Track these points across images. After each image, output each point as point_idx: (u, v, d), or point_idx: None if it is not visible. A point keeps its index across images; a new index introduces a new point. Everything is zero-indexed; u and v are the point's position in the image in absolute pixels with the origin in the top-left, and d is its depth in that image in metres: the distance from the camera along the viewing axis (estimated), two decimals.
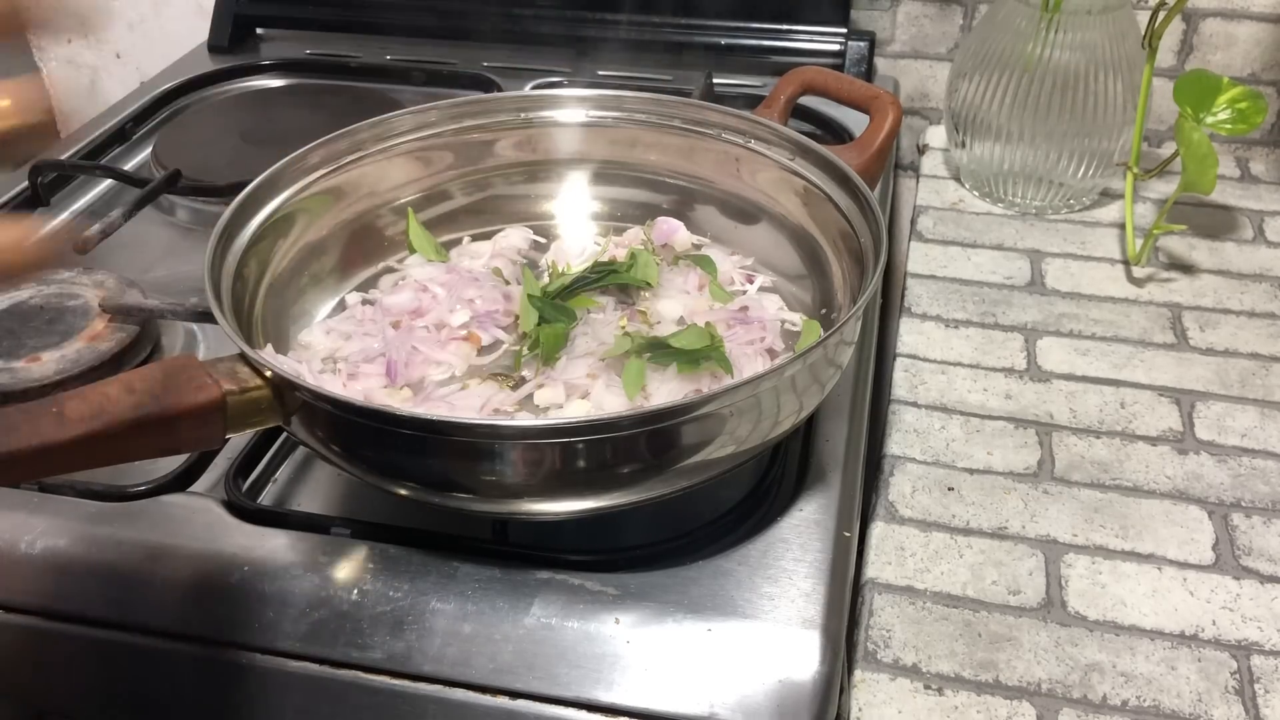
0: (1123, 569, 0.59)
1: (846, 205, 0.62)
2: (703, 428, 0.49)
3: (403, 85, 1.01)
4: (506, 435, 0.48)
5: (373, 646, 0.51)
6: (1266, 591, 0.58)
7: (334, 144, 0.67)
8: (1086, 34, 0.83)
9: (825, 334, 0.51)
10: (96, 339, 0.66)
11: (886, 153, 0.70)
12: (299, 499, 0.60)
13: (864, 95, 0.72)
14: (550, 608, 0.51)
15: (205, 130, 0.93)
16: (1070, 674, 0.54)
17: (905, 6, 1.01)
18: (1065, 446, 0.67)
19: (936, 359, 0.75)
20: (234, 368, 0.49)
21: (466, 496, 0.51)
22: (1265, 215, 0.90)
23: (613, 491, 0.50)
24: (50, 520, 0.56)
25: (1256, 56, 0.97)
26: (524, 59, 1.04)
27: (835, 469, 0.60)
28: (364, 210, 0.69)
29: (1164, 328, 0.77)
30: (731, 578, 0.53)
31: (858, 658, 0.55)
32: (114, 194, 0.87)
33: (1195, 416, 0.70)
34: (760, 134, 0.68)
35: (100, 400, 0.45)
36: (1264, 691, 0.53)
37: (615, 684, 0.49)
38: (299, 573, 0.53)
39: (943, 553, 0.61)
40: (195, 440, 0.49)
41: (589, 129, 0.72)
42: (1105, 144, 0.86)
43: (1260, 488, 0.64)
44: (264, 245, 0.62)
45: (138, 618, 0.53)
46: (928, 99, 1.05)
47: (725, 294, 0.66)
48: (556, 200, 0.74)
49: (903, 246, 0.90)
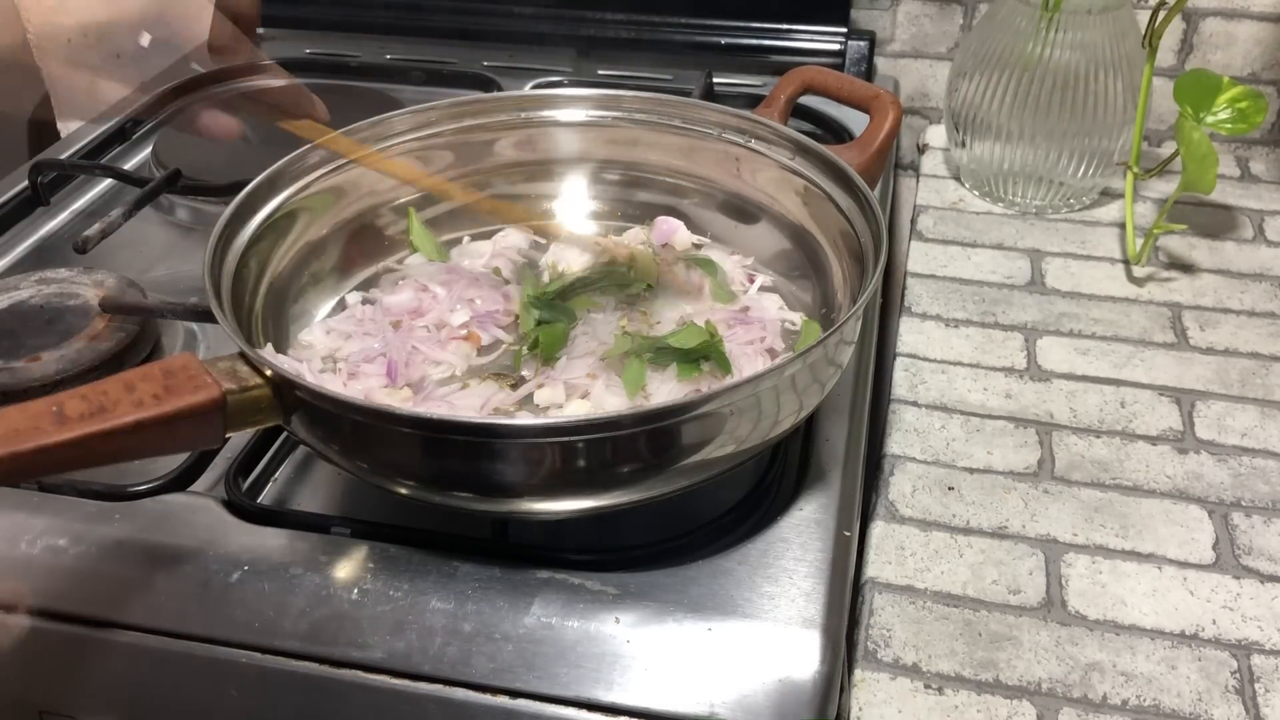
0: (1123, 568, 0.59)
1: (846, 205, 0.62)
2: (703, 427, 0.49)
3: (403, 85, 1.00)
4: (506, 434, 0.48)
5: (373, 646, 0.51)
6: (1267, 591, 0.58)
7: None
8: (1086, 33, 0.83)
9: (825, 333, 0.51)
10: (96, 339, 0.66)
11: (887, 152, 0.70)
12: (299, 498, 0.60)
13: (864, 95, 0.72)
14: (550, 607, 0.51)
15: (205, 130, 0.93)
16: (1070, 673, 0.54)
17: (905, 6, 1.01)
18: (1065, 446, 0.67)
19: (937, 358, 0.75)
20: (234, 367, 0.49)
21: (466, 496, 0.51)
22: (1265, 215, 0.90)
23: (613, 491, 0.50)
24: (50, 520, 0.56)
25: (1257, 56, 0.97)
26: (524, 59, 1.04)
27: (835, 468, 0.60)
28: (364, 210, 0.69)
29: (1164, 327, 0.77)
30: (731, 577, 0.53)
31: (858, 657, 0.55)
32: (114, 193, 0.87)
33: (1195, 416, 0.70)
34: (760, 133, 0.68)
35: (100, 399, 0.45)
36: (1264, 691, 0.53)
37: (615, 683, 0.49)
38: (299, 572, 0.53)
39: (943, 552, 0.61)
40: (195, 439, 0.49)
41: (589, 129, 0.72)
42: (1105, 143, 0.86)
43: (1260, 487, 0.64)
44: (264, 245, 0.62)
45: (138, 618, 0.53)
46: (928, 98, 1.05)
47: (726, 293, 0.65)
48: (557, 200, 0.74)
49: (903, 246, 0.90)
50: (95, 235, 0.73)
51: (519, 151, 0.73)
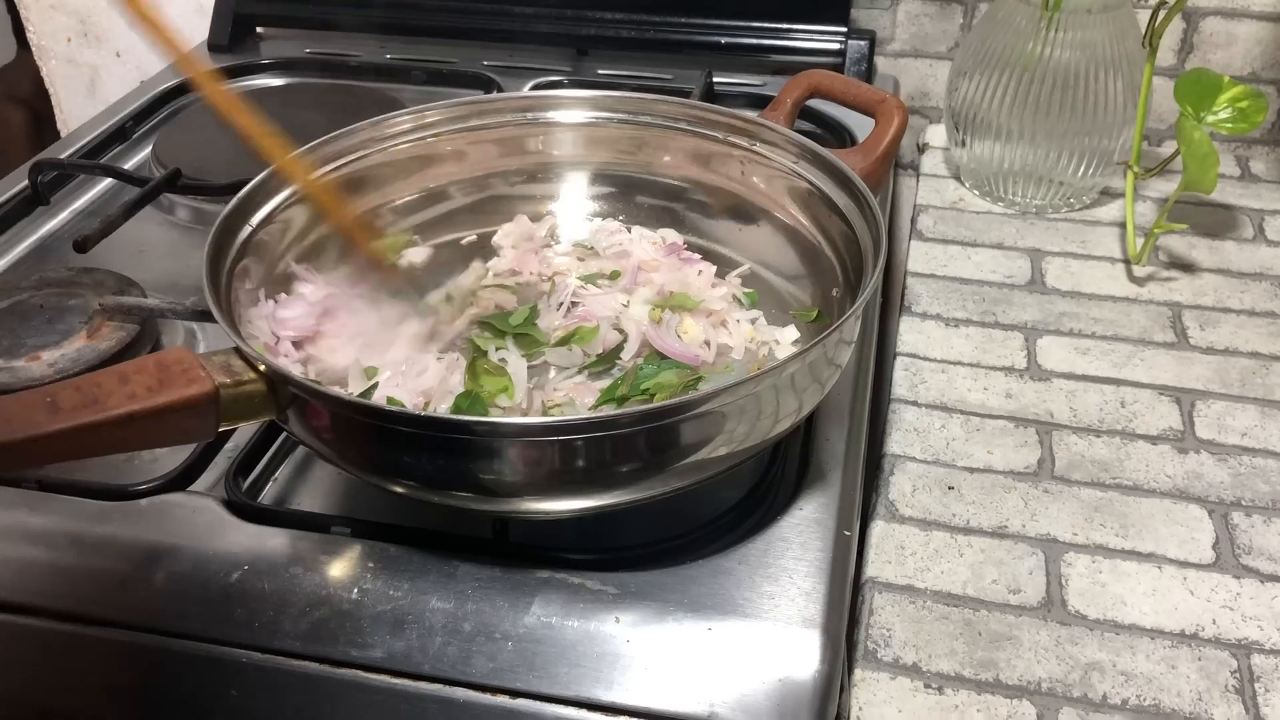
0: (1123, 568, 0.59)
1: (846, 206, 0.62)
2: (702, 426, 0.49)
3: (403, 85, 1.00)
4: (505, 434, 0.48)
5: (373, 646, 0.51)
6: (1266, 590, 0.58)
7: (333, 143, 0.67)
8: (1087, 33, 0.82)
9: (825, 333, 0.51)
10: (96, 338, 0.66)
11: (891, 157, 0.70)
12: (299, 498, 0.60)
13: (870, 99, 0.72)
14: (550, 607, 0.51)
15: (205, 129, 0.93)
16: (1070, 673, 0.54)
17: (905, 5, 1.01)
18: (1065, 445, 0.67)
19: (937, 358, 0.75)
20: (228, 361, 0.49)
21: (463, 495, 0.51)
22: (1265, 214, 0.90)
23: (612, 490, 0.50)
24: (50, 520, 0.56)
25: (1257, 55, 0.97)
26: (524, 59, 1.04)
27: (835, 468, 0.60)
28: (363, 210, 0.69)
29: (1164, 326, 0.77)
30: (732, 577, 0.53)
31: (858, 656, 0.55)
32: (114, 193, 0.87)
33: (1195, 415, 0.69)
34: (765, 136, 0.68)
35: (93, 391, 0.45)
36: (1264, 690, 0.53)
37: (615, 683, 0.49)
38: (299, 572, 0.53)
39: (943, 552, 0.61)
40: (188, 433, 0.49)
41: (590, 129, 0.72)
42: (1105, 143, 0.86)
43: (1260, 486, 0.64)
44: (263, 244, 0.62)
45: (138, 617, 0.53)
46: (928, 98, 1.05)
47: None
48: (557, 200, 0.74)
49: (903, 245, 0.90)
50: (95, 235, 0.73)
51: (519, 152, 0.73)
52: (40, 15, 1.24)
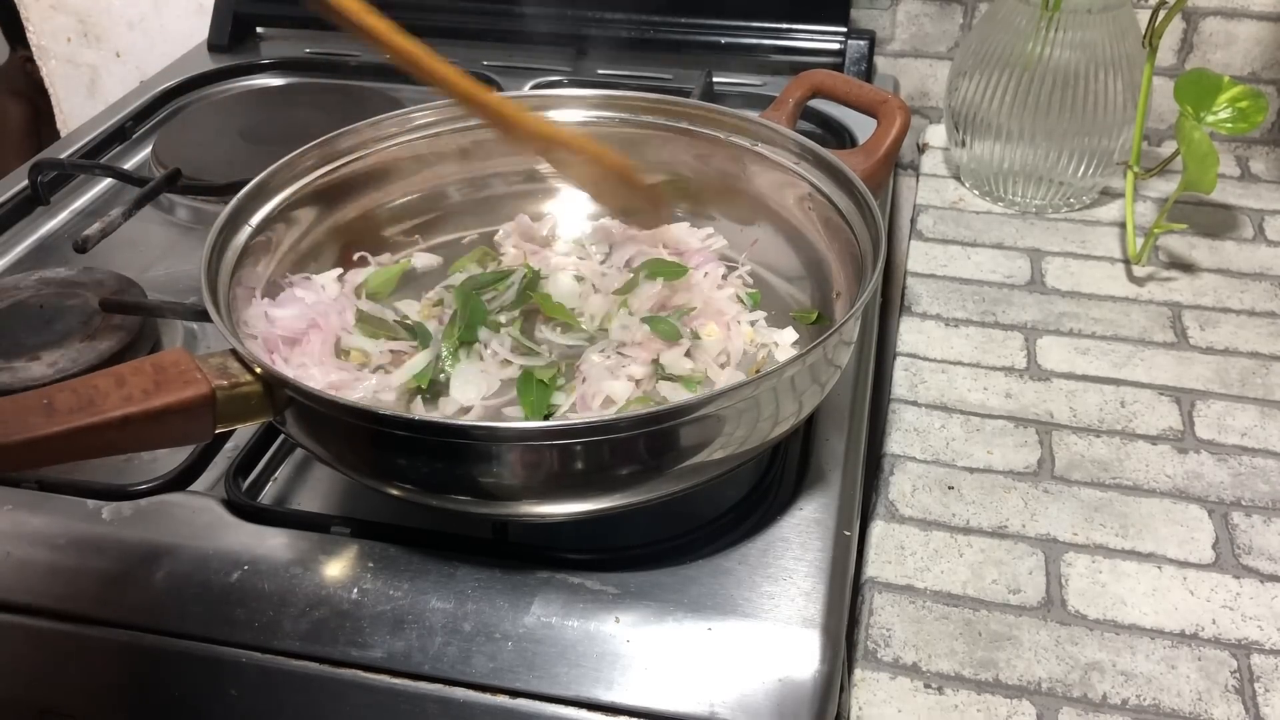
0: (1123, 568, 0.59)
1: (846, 207, 0.62)
2: (702, 429, 0.49)
3: (403, 85, 1.00)
4: (503, 438, 0.48)
5: (373, 646, 0.51)
6: (1266, 590, 0.58)
7: (333, 143, 0.67)
8: (1086, 33, 0.83)
9: (825, 334, 0.51)
10: (96, 338, 0.66)
11: (893, 158, 0.70)
12: (299, 498, 0.60)
13: (873, 99, 0.72)
14: (550, 607, 0.51)
15: (205, 129, 0.93)
16: (1070, 673, 0.54)
17: (905, 5, 1.01)
18: (1065, 445, 0.67)
19: (937, 358, 0.75)
20: (225, 363, 0.49)
21: (460, 499, 0.51)
22: (1265, 214, 0.90)
23: (612, 494, 0.50)
24: (50, 520, 0.56)
25: (1257, 55, 0.97)
26: (524, 59, 1.04)
27: (835, 468, 0.60)
28: (363, 210, 0.69)
29: (1164, 326, 0.77)
30: (731, 577, 0.53)
31: (858, 656, 0.55)
32: (114, 193, 0.87)
33: (1195, 415, 0.70)
34: (765, 136, 0.68)
35: (90, 393, 0.45)
36: (1264, 690, 0.53)
37: (615, 683, 0.49)
38: (299, 572, 0.53)
39: (943, 552, 0.61)
40: (185, 434, 0.49)
41: (590, 129, 0.72)
42: (1105, 143, 0.86)
43: (1260, 486, 0.64)
44: (262, 244, 0.62)
45: (138, 617, 0.53)
46: (928, 98, 1.05)
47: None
48: (556, 201, 0.74)
49: (903, 245, 0.90)
50: (95, 235, 0.73)
51: (519, 152, 0.73)
52: (40, 15, 1.24)
